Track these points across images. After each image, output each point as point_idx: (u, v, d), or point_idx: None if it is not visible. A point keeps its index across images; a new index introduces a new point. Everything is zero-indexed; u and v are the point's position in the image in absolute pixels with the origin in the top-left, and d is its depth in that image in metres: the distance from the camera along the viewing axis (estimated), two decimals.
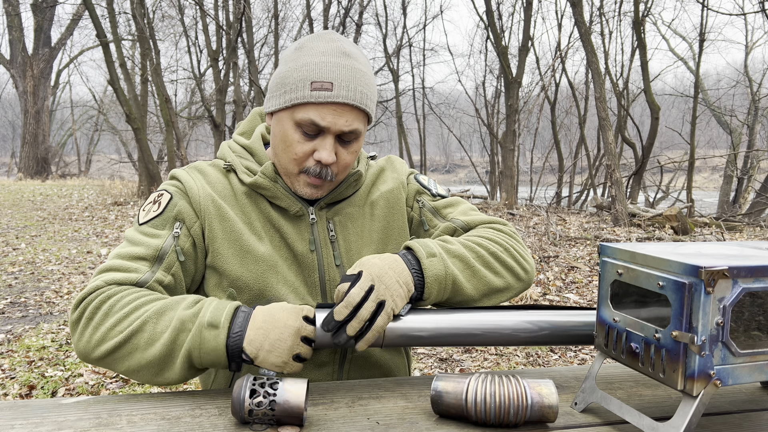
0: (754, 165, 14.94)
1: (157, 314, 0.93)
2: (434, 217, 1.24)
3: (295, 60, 1.08)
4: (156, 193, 1.14)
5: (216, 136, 14.13)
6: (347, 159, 1.10)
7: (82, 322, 0.97)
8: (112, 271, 1.01)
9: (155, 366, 0.92)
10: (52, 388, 3.04)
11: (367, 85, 1.09)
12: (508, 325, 0.99)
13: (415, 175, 1.30)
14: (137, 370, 0.93)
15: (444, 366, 3.55)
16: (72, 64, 24.81)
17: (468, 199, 13.79)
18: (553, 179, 19.04)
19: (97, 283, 0.99)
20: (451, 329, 0.98)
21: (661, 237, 8.03)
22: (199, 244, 1.10)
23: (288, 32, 22.27)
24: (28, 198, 12.60)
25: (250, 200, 1.14)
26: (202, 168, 1.17)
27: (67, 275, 5.67)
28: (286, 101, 1.07)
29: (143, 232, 1.08)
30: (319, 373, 1.12)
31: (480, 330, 0.99)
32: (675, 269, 0.73)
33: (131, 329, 0.92)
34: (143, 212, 1.12)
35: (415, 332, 0.96)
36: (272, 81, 1.13)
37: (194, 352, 0.90)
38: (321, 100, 1.03)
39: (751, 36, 40.35)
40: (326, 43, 1.08)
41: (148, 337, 0.92)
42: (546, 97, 16.81)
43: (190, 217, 1.10)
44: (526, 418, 0.82)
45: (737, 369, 0.74)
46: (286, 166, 1.10)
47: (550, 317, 1.02)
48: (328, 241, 1.16)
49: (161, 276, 1.03)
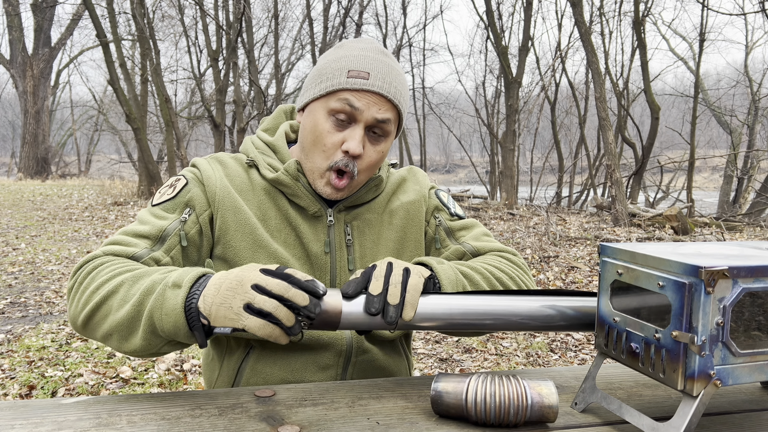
0: (754, 165, 14.94)
1: (133, 278, 0.93)
2: (447, 237, 1.23)
3: (334, 54, 1.11)
4: (174, 178, 1.15)
5: (216, 136, 14.13)
6: (373, 157, 1.10)
7: (74, 287, 0.99)
8: (113, 245, 1.03)
9: (123, 329, 0.90)
10: (52, 388, 3.04)
11: (402, 84, 1.10)
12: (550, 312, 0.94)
13: (436, 191, 1.30)
14: (110, 334, 0.92)
15: (444, 366, 3.55)
16: (72, 64, 24.82)
17: (468, 199, 13.78)
18: (553, 179, 19.04)
19: (96, 253, 1.02)
20: (487, 309, 0.93)
21: (661, 237, 8.03)
22: (206, 233, 1.10)
23: (288, 32, 22.29)
24: (28, 198, 12.60)
25: (269, 196, 1.14)
26: (223, 159, 1.18)
27: (67, 275, 5.67)
28: (321, 90, 1.08)
29: (153, 213, 1.09)
30: (323, 376, 1.12)
31: (515, 315, 0.93)
32: (675, 269, 0.73)
33: (108, 290, 0.92)
34: (158, 194, 1.13)
35: (449, 308, 0.91)
36: (308, 77, 1.14)
37: (155, 312, 0.87)
38: (357, 86, 1.05)
39: (751, 36, 40.37)
40: (365, 43, 1.12)
41: (120, 299, 0.91)
42: (546, 97, 16.82)
43: (201, 204, 1.10)
44: (526, 418, 0.82)
45: (737, 369, 0.74)
46: (314, 161, 1.09)
47: (575, 303, 0.97)
48: (344, 245, 1.15)
49: (159, 255, 1.04)
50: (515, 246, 7.47)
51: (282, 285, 0.80)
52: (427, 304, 0.91)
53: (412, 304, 0.88)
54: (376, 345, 1.17)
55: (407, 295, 0.88)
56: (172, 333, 0.87)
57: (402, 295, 0.88)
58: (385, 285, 0.88)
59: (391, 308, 0.86)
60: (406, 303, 0.87)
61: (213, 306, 0.82)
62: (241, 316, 0.80)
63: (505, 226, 9.49)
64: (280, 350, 1.12)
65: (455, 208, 1.29)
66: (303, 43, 20.65)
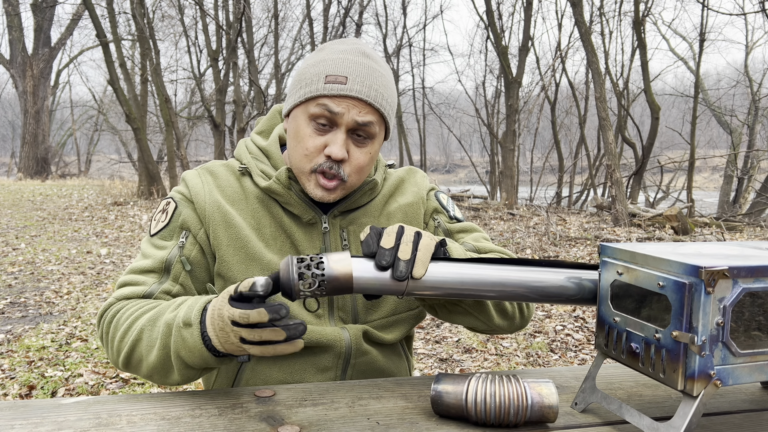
0: (754, 165, 14.94)
1: (151, 322, 0.97)
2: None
3: (313, 58, 1.09)
4: (165, 201, 1.15)
5: (216, 136, 14.13)
6: (361, 159, 1.08)
7: (103, 338, 1.05)
8: (124, 287, 1.07)
9: (160, 370, 0.96)
10: (52, 388, 3.04)
11: (384, 86, 1.08)
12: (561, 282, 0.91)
13: (436, 192, 1.28)
14: (151, 375, 0.98)
15: (444, 366, 3.55)
16: (72, 64, 24.82)
17: (468, 199, 13.79)
18: (553, 179, 19.05)
19: (110, 300, 1.06)
20: (498, 278, 0.90)
21: (661, 237, 8.03)
22: (208, 251, 1.11)
23: (288, 32, 22.30)
24: (28, 198, 12.60)
25: (262, 205, 1.13)
26: (214, 170, 1.17)
27: (66, 275, 5.67)
28: (300, 96, 1.07)
29: (153, 244, 1.11)
30: (322, 378, 1.12)
31: (525, 285, 0.91)
32: (675, 269, 0.73)
33: (133, 339, 0.97)
34: (154, 222, 1.14)
35: (459, 274, 0.89)
36: (290, 82, 1.13)
37: (181, 351, 0.91)
38: (334, 92, 1.03)
39: (751, 36, 40.36)
40: (347, 45, 1.09)
41: (146, 345, 0.96)
42: (546, 97, 16.82)
43: (195, 224, 1.10)
44: (526, 419, 0.82)
45: (737, 369, 0.74)
46: (298, 164, 1.08)
47: (593, 275, 0.94)
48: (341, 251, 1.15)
49: (169, 286, 1.07)
50: (515, 246, 7.48)
51: (244, 314, 0.81)
52: (438, 269, 0.88)
53: (423, 261, 0.86)
54: (376, 347, 1.17)
55: (418, 253, 0.87)
56: (203, 365, 0.92)
57: (413, 253, 0.87)
58: (397, 241, 0.87)
59: (401, 263, 0.85)
60: (417, 260, 0.86)
61: (221, 344, 0.86)
62: (245, 348, 0.85)
63: (505, 226, 9.49)
64: None
65: (454, 210, 1.28)
66: (303, 43, 20.66)
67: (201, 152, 28.10)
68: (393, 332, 1.17)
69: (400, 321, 1.18)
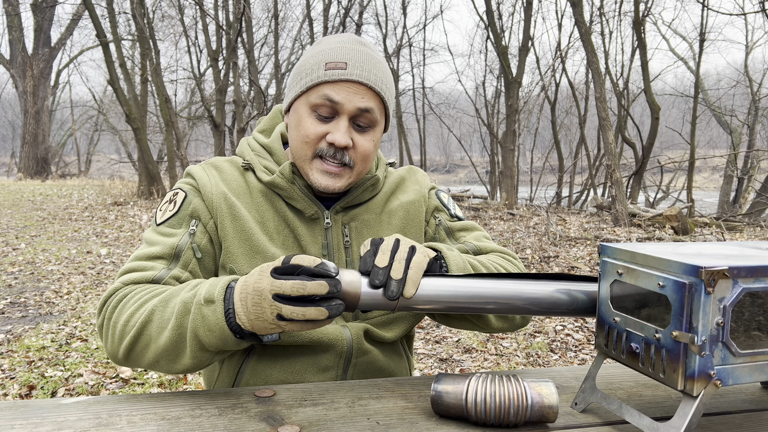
0: (754, 165, 14.95)
1: (163, 302, 0.94)
2: (448, 237, 1.23)
3: (311, 51, 1.11)
4: (171, 192, 1.15)
5: (216, 136, 14.13)
6: (365, 146, 1.08)
7: (104, 325, 1.00)
8: (130, 272, 1.04)
9: (170, 353, 0.92)
10: (52, 388, 3.04)
11: (383, 71, 1.09)
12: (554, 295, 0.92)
13: (437, 191, 1.29)
14: (156, 361, 0.94)
15: (444, 366, 3.55)
16: (72, 64, 24.83)
17: (468, 199, 13.79)
18: (553, 179, 19.04)
19: (116, 285, 1.02)
20: (492, 292, 0.91)
21: (661, 237, 8.03)
22: (216, 241, 1.11)
23: (288, 32, 22.29)
24: (28, 198, 12.59)
25: (266, 199, 1.13)
26: (218, 164, 1.17)
27: (66, 275, 5.67)
28: (301, 86, 1.07)
29: (160, 232, 1.09)
30: (323, 377, 1.12)
31: (522, 299, 0.91)
32: (675, 269, 0.73)
33: (141, 321, 0.93)
34: (160, 212, 1.13)
35: (453, 290, 0.90)
36: (289, 78, 1.14)
37: (199, 331, 0.88)
38: (334, 78, 1.04)
39: (751, 36, 40.41)
40: (343, 36, 1.11)
41: (157, 326, 0.92)
42: (546, 97, 16.82)
43: (204, 214, 1.10)
44: (526, 419, 0.82)
45: (737, 369, 0.74)
46: (299, 152, 1.09)
47: (586, 288, 0.95)
48: (342, 247, 1.15)
49: (178, 273, 1.05)
50: (515, 246, 7.47)
51: (296, 285, 0.80)
52: (431, 285, 0.89)
53: (414, 281, 0.87)
54: (377, 346, 1.17)
55: (410, 272, 0.87)
56: (220, 346, 0.89)
57: (405, 271, 0.87)
58: (391, 260, 0.87)
59: (393, 282, 0.85)
60: (408, 279, 0.86)
61: (249, 321, 0.84)
62: (280, 325, 0.83)
63: (505, 226, 9.49)
64: (280, 352, 1.12)
65: (455, 209, 1.28)
66: (303, 43, 20.65)
67: (201, 152, 28.10)
68: (393, 330, 1.18)
69: (401, 318, 1.19)
